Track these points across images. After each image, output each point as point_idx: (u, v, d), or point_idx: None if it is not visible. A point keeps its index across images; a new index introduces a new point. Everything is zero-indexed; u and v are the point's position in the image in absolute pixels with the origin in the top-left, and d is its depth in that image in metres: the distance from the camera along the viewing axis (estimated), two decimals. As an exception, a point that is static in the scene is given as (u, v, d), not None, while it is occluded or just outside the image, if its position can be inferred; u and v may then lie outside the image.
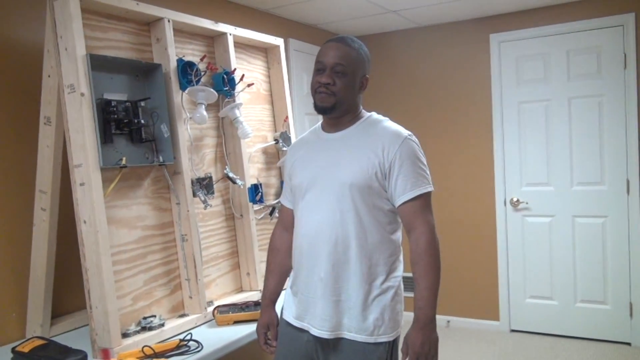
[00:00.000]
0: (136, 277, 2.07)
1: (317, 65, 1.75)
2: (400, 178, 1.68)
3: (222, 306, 2.28)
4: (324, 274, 1.72)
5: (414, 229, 1.70)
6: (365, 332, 1.70)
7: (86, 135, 1.84)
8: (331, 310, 1.71)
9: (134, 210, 2.10)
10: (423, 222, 1.69)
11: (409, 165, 1.69)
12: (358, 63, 1.75)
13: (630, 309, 3.92)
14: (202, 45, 2.51)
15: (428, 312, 1.65)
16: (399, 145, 1.69)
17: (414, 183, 1.68)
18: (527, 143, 4.20)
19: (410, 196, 1.68)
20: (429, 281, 1.65)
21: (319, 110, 1.76)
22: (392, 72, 4.67)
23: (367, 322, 1.70)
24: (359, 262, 1.70)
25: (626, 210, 3.90)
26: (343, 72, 1.71)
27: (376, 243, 1.71)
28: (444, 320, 4.54)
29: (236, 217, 2.59)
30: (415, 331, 1.66)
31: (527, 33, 4.12)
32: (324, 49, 1.76)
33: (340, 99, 1.72)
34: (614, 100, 3.89)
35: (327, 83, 1.71)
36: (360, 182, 1.68)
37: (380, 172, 1.69)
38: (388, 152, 1.69)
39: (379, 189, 1.70)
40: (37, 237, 2.10)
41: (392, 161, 1.68)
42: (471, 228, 4.43)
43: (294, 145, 1.98)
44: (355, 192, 1.69)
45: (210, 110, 2.44)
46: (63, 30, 1.86)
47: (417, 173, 1.70)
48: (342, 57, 1.71)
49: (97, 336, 1.85)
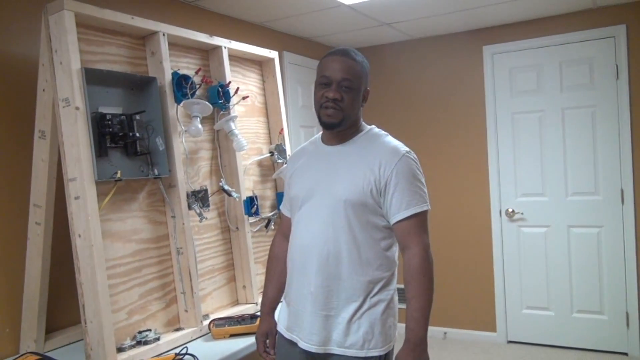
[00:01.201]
0: (131, 291, 2.06)
1: (322, 80, 1.72)
2: (395, 196, 1.67)
3: (218, 319, 2.27)
4: (314, 288, 1.71)
5: (407, 249, 1.68)
6: (354, 346, 1.68)
7: (81, 148, 1.84)
8: (320, 324, 1.70)
9: (129, 223, 2.09)
10: (417, 242, 1.67)
11: (405, 183, 1.67)
12: (362, 77, 1.74)
13: (627, 319, 3.92)
14: (197, 58, 2.52)
15: (419, 333, 1.63)
16: (396, 163, 1.68)
17: (409, 202, 1.67)
18: (521, 154, 4.22)
19: (405, 215, 1.67)
20: (420, 302, 1.63)
21: (326, 126, 1.74)
22: (386, 85, 4.69)
23: (357, 336, 1.68)
24: (350, 278, 1.68)
25: (621, 220, 3.91)
26: (350, 87, 1.70)
27: (369, 259, 1.70)
28: (441, 332, 4.53)
29: (232, 230, 2.58)
30: (405, 352, 1.64)
31: (520, 45, 4.16)
32: (328, 62, 1.72)
33: (348, 114, 1.71)
34: (606, 111, 3.92)
35: (336, 99, 1.68)
36: (354, 199, 1.68)
37: (376, 189, 1.68)
38: (385, 170, 1.67)
39: (374, 206, 1.69)
40: (32, 251, 2.09)
41: (389, 179, 1.67)
42: (467, 239, 4.44)
43: (293, 155, 1.98)
44: (349, 209, 1.68)
45: (205, 123, 2.45)
46: (58, 45, 1.87)
47: (413, 191, 1.68)
48: (349, 71, 1.69)
49: (92, 351, 1.84)
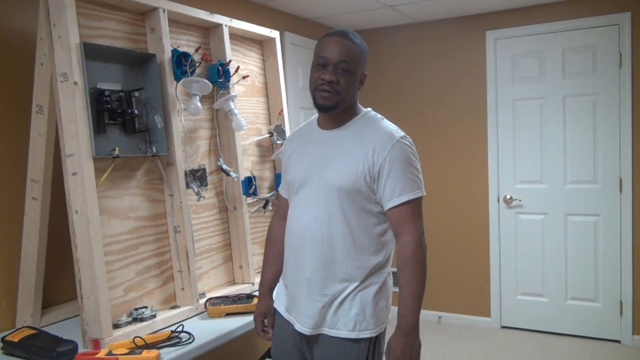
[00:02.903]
0: (128, 268, 2.06)
1: (319, 60, 1.68)
2: (389, 182, 1.65)
3: (214, 298, 2.27)
4: (309, 273, 1.72)
5: (401, 235, 1.67)
6: (345, 327, 1.69)
7: (79, 124, 1.83)
8: (314, 308, 1.71)
9: (126, 201, 2.08)
10: (410, 229, 1.65)
11: (398, 169, 1.65)
12: (360, 60, 1.70)
13: (621, 307, 3.95)
14: (197, 36, 2.49)
15: (410, 320, 1.63)
16: (390, 149, 1.65)
17: (402, 188, 1.65)
18: (521, 141, 4.21)
19: (398, 202, 1.65)
20: (412, 290, 1.63)
21: (320, 108, 1.71)
22: (386, 68, 4.66)
23: (348, 317, 1.69)
24: (344, 263, 1.69)
25: (618, 209, 3.92)
26: (347, 70, 1.66)
27: (364, 245, 1.70)
28: (435, 316, 4.56)
29: (229, 210, 2.58)
30: (397, 338, 1.65)
31: (523, 30, 4.13)
32: (326, 43, 1.69)
33: (343, 97, 1.68)
34: (608, 99, 3.90)
35: (332, 81, 1.65)
36: (348, 186, 1.66)
37: (370, 175, 1.66)
38: (378, 156, 1.65)
39: (367, 193, 1.68)
40: (28, 226, 2.09)
41: (382, 165, 1.64)
42: (464, 225, 4.44)
43: (290, 137, 1.97)
44: (343, 195, 1.67)
45: (204, 101, 2.43)
46: (56, 18, 1.84)
47: (407, 178, 1.65)
48: (347, 53, 1.66)
49: (87, 327, 1.84)
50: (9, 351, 1.85)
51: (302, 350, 1.79)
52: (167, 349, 1.84)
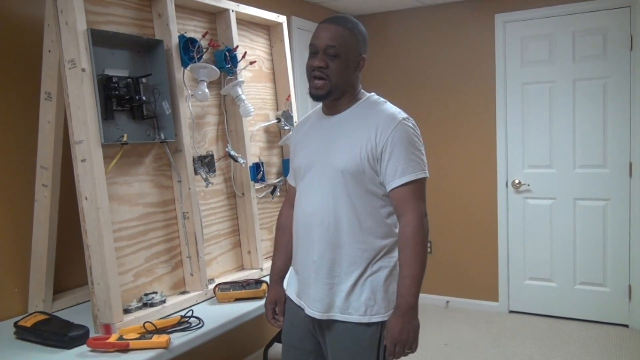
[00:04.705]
0: (137, 254, 2.07)
1: (310, 49, 1.71)
2: (390, 163, 1.65)
3: (223, 284, 2.29)
4: (317, 257, 1.73)
5: (402, 216, 1.68)
6: (357, 312, 1.70)
7: (87, 111, 1.83)
8: (323, 292, 1.72)
9: (135, 187, 2.09)
10: (412, 209, 1.66)
11: (400, 150, 1.65)
12: (352, 43, 1.70)
13: (629, 292, 3.94)
14: (204, 21, 2.48)
15: (409, 300, 1.64)
16: (392, 130, 1.65)
17: (404, 169, 1.65)
18: (530, 125, 4.17)
19: (400, 182, 1.65)
20: (412, 269, 1.64)
21: (313, 97, 1.73)
22: (394, 52, 4.63)
23: (359, 302, 1.70)
24: (351, 246, 1.70)
25: (628, 194, 3.89)
26: (335, 54, 1.67)
27: (370, 227, 1.70)
28: (443, 301, 4.57)
29: (237, 196, 2.59)
30: (395, 318, 1.66)
31: (532, 13, 4.07)
32: (316, 31, 1.71)
33: (335, 83, 1.68)
34: (619, 83, 3.85)
35: (320, 66, 1.67)
36: (352, 169, 1.67)
37: (372, 157, 1.66)
38: (381, 137, 1.65)
39: (372, 175, 1.68)
40: (39, 213, 2.10)
41: (384, 146, 1.65)
42: (472, 209, 4.43)
43: (297, 125, 1.98)
44: (348, 178, 1.68)
45: (212, 87, 2.42)
46: (63, 4, 1.84)
47: (409, 158, 1.65)
48: (334, 38, 1.66)
49: (98, 312, 1.87)
50: (21, 336, 1.87)
51: (315, 334, 1.81)
52: (177, 334, 1.86)
